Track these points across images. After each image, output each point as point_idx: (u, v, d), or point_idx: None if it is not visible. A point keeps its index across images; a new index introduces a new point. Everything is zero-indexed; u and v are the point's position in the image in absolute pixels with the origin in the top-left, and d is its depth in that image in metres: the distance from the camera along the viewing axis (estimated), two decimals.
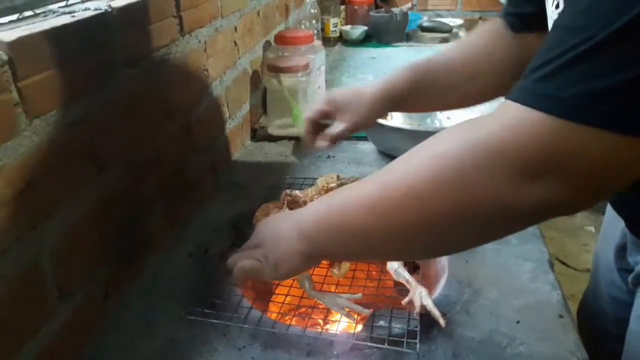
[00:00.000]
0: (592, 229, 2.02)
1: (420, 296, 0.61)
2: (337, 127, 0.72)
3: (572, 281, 1.63)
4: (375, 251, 0.48)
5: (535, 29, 0.59)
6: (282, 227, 0.53)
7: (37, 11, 0.58)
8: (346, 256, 0.54)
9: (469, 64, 0.66)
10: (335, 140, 0.72)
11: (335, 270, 0.70)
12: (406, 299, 0.63)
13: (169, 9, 0.77)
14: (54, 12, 0.59)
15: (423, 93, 0.69)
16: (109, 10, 0.62)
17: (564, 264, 1.83)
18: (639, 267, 0.63)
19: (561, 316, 0.62)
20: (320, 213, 0.49)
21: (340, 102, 0.71)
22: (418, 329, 0.59)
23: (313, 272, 0.70)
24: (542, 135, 0.35)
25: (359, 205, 0.45)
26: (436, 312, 0.60)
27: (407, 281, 0.65)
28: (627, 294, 0.68)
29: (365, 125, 0.72)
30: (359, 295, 0.64)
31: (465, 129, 0.40)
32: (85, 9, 0.60)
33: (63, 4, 0.63)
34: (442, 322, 0.59)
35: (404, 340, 0.58)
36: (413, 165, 0.42)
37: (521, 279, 0.68)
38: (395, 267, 0.68)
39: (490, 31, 0.67)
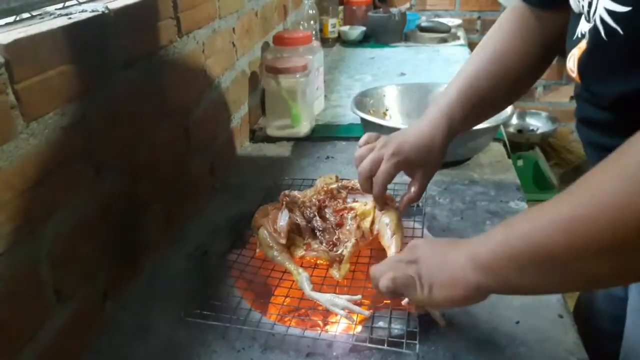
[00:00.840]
0: None
1: None
2: (412, 185, 0.70)
3: None
4: (571, 281, 0.41)
5: (558, 4, 0.58)
6: (449, 252, 0.49)
7: (34, 13, 0.58)
8: (527, 289, 0.47)
9: (508, 70, 0.67)
10: (415, 200, 0.71)
11: (335, 272, 0.69)
12: (405, 299, 0.62)
13: (166, 10, 0.77)
14: (51, 14, 0.58)
15: (476, 114, 0.70)
16: (106, 12, 0.61)
17: None
18: None
19: (561, 316, 0.62)
20: (498, 242, 0.44)
21: (415, 160, 0.68)
22: (417, 329, 0.59)
23: (312, 273, 0.70)
24: None
25: (551, 228, 0.40)
26: (435, 313, 0.60)
27: None
28: (622, 289, 0.68)
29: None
30: (359, 296, 0.64)
31: None
32: (82, 11, 0.60)
33: (60, 5, 0.63)
34: (442, 323, 0.59)
35: (404, 341, 0.58)
36: (613, 177, 0.37)
37: None
38: None
39: (512, 25, 0.67)
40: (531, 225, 0.42)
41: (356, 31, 1.93)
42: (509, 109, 1.02)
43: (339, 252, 0.72)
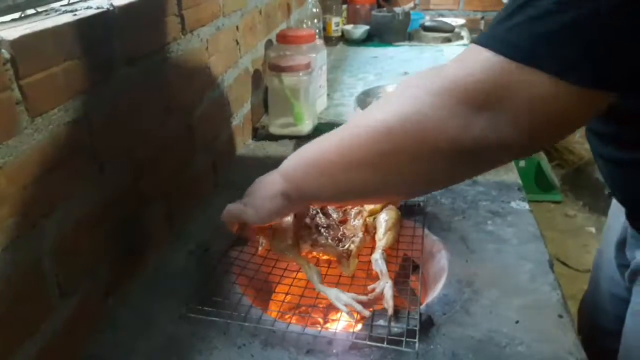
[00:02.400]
0: (593, 229, 2.01)
1: (384, 285, 0.64)
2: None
3: (572, 282, 1.63)
4: (341, 186, 0.52)
5: None
6: (268, 176, 0.61)
7: (40, 9, 0.59)
8: (319, 194, 0.56)
9: None
10: None
11: (345, 268, 0.70)
12: (372, 286, 0.65)
13: (170, 7, 0.77)
14: (56, 11, 0.59)
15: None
16: (111, 8, 0.62)
17: (565, 264, 1.83)
18: (635, 262, 0.63)
19: (560, 316, 0.62)
20: (298, 157, 0.57)
21: None
22: (417, 328, 0.59)
23: (317, 263, 0.70)
24: (488, 70, 0.39)
25: (329, 144, 0.52)
26: (390, 304, 0.61)
27: (381, 271, 0.67)
28: (626, 290, 0.68)
29: None
30: (364, 297, 0.64)
31: (429, 71, 0.45)
32: (88, 8, 0.60)
33: (65, 2, 0.63)
34: (390, 312, 0.61)
35: (403, 339, 0.58)
36: (383, 106, 0.48)
37: (521, 279, 0.68)
38: (376, 258, 0.69)
39: None
40: (318, 145, 0.54)
41: (360, 30, 1.93)
42: None
43: (346, 247, 0.72)
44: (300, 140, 1.14)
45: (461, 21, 2.11)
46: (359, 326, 0.64)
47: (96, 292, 0.63)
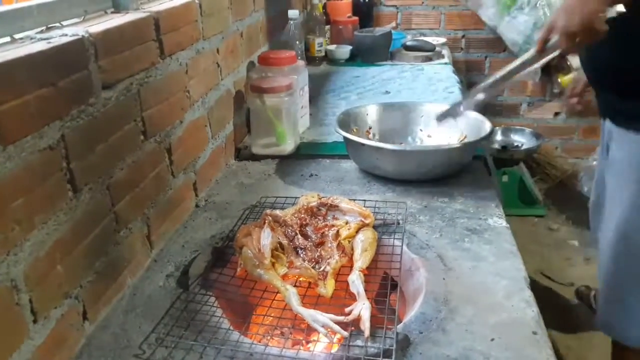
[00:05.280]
0: (576, 243, 2.03)
1: (361, 307, 0.64)
2: None
3: (555, 295, 1.64)
4: None
5: None
6: None
7: (14, 37, 0.59)
8: None
9: None
10: None
11: (322, 289, 0.70)
12: (349, 308, 0.65)
13: (148, 33, 0.78)
14: (31, 39, 0.59)
15: None
16: (86, 35, 0.63)
17: (548, 278, 1.84)
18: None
19: (535, 333, 0.63)
20: None
21: None
22: (394, 348, 0.59)
23: (296, 283, 0.70)
24: None
25: None
26: (367, 325, 0.62)
27: (358, 292, 0.67)
28: None
29: None
30: (342, 317, 0.64)
31: None
32: (63, 35, 0.61)
33: (41, 29, 0.64)
34: (366, 334, 0.61)
35: (379, 359, 0.58)
36: None
37: (497, 296, 0.69)
38: (353, 279, 0.69)
39: None
40: None
41: (343, 50, 1.95)
42: (487, 127, 1.04)
43: (322, 269, 0.72)
44: (283, 159, 1.15)
45: (442, 40, 2.15)
46: (338, 347, 0.64)
47: (73, 317, 0.63)
